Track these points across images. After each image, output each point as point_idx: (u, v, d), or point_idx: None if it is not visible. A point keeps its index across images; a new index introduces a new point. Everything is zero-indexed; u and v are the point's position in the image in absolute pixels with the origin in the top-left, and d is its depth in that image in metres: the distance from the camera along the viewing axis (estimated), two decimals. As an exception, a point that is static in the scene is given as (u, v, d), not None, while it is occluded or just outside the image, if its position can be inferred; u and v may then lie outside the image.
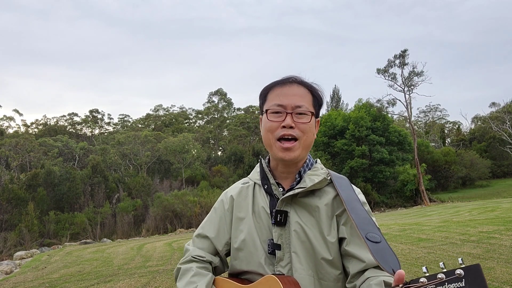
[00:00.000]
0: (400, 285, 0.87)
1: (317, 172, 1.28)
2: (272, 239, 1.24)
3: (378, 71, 33.25)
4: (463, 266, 0.80)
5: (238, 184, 1.42)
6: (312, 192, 1.26)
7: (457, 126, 58.55)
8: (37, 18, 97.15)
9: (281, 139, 1.25)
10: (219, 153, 52.32)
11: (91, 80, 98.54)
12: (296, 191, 1.24)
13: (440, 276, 0.80)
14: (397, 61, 32.56)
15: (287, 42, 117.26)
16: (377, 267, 1.10)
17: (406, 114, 34.76)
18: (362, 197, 1.26)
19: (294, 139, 1.24)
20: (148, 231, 25.92)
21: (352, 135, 32.25)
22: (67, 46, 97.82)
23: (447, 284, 0.79)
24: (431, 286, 0.80)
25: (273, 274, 1.19)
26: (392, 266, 0.99)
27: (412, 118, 38.78)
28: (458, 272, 0.79)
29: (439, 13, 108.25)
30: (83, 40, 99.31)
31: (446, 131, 58.43)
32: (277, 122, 1.25)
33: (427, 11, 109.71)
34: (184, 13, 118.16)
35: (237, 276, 1.33)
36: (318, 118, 1.33)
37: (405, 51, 32.18)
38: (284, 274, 1.21)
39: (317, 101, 1.30)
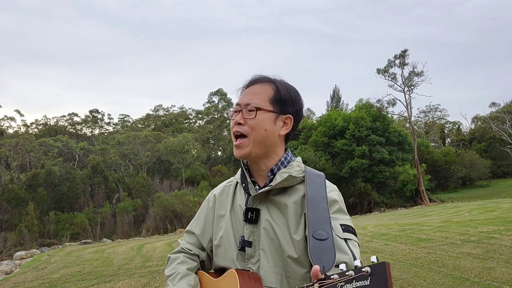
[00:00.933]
0: (315, 281, 0.90)
1: (290, 170, 1.27)
2: (243, 236, 1.27)
3: (378, 71, 33.27)
4: (372, 264, 0.82)
5: (223, 183, 1.46)
6: (284, 189, 1.27)
7: (457, 126, 58.55)
8: (38, 18, 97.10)
9: (235, 136, 1.30)
10: (219, 153, 52.31)
11: (91, 80, 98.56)
12: (265, 189, 1.26)
13: (349, 273, 0.83)
14: (397, 61, 32.58)
15: (287, 42, 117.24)
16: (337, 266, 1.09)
17: (406, 114, 34.79)
18: (333, 195, 1.26)
19: (243, 136, 1.28)
20: (148, 231, 25.93)
21: (352, 135, 32.24)
22: (67, 46, 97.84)
23: (355, 282, 0.82)
24: (341, 283, 0.84)
25: (236, 269, 1.22)
26: (324, 264, 1.02)
27: (412, 118, 38.79)
28: (365, 270, 0.81)
29: (439, 13, 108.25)
30: (83, 40, 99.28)
31: (446, 131, 58.43)
32: (233, 120, 1.31)
33: (427, 12, 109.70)
34: (185, 13, 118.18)
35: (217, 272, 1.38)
36: (287, 115, 1.30)
37: (405, 51, 32.20)
38: (249, 270, 1.24)
39: (279, 97, 1.29)
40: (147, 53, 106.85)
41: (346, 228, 1.18)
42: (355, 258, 1.09)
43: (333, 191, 1.27)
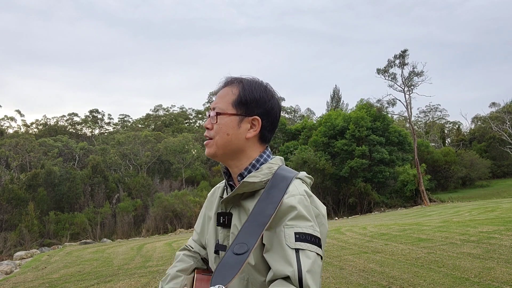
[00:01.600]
0: None
1: (256, 174, 1.22)
2: (218, 240, 1.28)
3: (378, 71, 33.27)
4: None
5: (218, 184, 1.47)
6: (252, 194, 1.23)
7: (457, 126, 58.55)
8: (38, 18, 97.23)
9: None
10: (219, 153, 52.29)
11: (91, 80, 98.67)
12: (229, 195, 1.24)
13: None
14: (397, 61, 32.58)
15: (287, 42, 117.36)
16: (287, 278, 1.04)
17: (406, 114, 34.79)
18: (291, 200, 1.14)
19: (211, 139, 1.28)
20: (148, 231, 25.93)
21: (352, 135, 32.24)
22: (67, 46, 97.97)
23: None
24: None
25: (199, 270, 1.27)
26: (219, 282, 1.00)
27: (412, 118, 38.78)
28: None
29: (439, 14, 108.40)
30: (83, 40, 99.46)
31: (446, 131, 58.43)
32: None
33: (427, 12, 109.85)
34: (185, 14, 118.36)
35: None
36: (253, 116, 1.25)
37: (405, 51, 32.20)
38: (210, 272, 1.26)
39: (242, 99, 1.25)
40: (147, 53, 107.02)
41: (301, 237, 1.08)
42: (300, 271, 1.03)
43: (293, 196, 1.14)
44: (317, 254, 1.08)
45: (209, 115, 1.29)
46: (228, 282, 1.01)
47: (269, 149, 1.33)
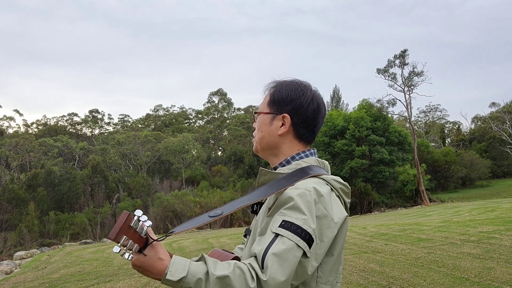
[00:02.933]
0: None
1: (283, 168, 1.30)
2: (249, 225, 1.38)
3: (378, 71, 33.25)
4: None
5: None
6: None
7: (457, 126, 58.53)
8: (39, 18, 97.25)
9: None
10: (219, 153, 52.32)
11: (92, 80, 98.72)
12: (258, 182, 1.32)
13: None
14: (397, 61, 32.55)
15: (288, 43, 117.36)
16: (255, 256, 1.09)
17: (406, 114, 34.78)
18: (291, 192, 1.16)
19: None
20: (148, 231, 25.92)
21: (352, 135, 32.23)
22: (68, 46, 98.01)
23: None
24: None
25: (218, 249, 1.34)
26: (176, 228, 1.15)
27: (412, 118, 38.77)
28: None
29: (440, 14, 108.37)
30: (84, 40, 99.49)
31: (446, 131, 58.41)
32: None
33: (428, 12, 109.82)
34: (186, 14, 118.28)
35: None
36: (282, 114, 1.33)
37: (405, 51, 32.17)
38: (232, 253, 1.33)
39: (274, 98, 1.36)
40: (147, 53, 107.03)
41: (286, 225, 1.09)
42: (266, 251, 1.05)
43: (296, 189, 1.16)
44: (298, 245, 1.07)
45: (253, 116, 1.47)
46: (180, 230, 1.14)
47: (313, 151, 1.37)
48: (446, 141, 55.44)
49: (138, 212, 1.07)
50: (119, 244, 1.02)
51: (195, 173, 39.21)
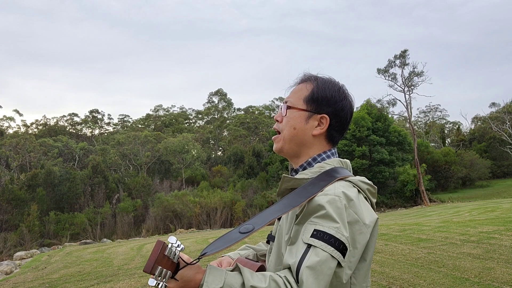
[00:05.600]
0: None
1: (306, 172, 1.23)
2: (272, 231, 1.32)
3: (379, 71, 33.27)
4: None
5: None
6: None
7: (457, 126, 58.53)
8: (40, 19, 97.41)
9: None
10: (219, 153, 52.32)
11: (93, 80, 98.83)
12: (278, 190, 1.27)
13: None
14: (398, 61, 32.59)
15: (289, 43, 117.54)
16: (289, 269, 1.05)
17: (406, 114, 34.80)
18: (321, 199, 1.11)
19: (279, 132, 1.31)
20: (148, 232, 25.92)
21: (352, 135, 32.24)
22: (69, 47, 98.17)
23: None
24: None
25: (240, 259, 1.31)
26: (208, 249, 1.07)
27: (412, 118, 38.80)
28: None
29: (440, 15, 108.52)
30: (85, 41, 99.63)
31: (446, 131, 58.41)
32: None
33: (428, 13, 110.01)
34: (187, 14, 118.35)
35: None
36: (322, 114, 1.25)
37: (405, 51, 32.20)
38: (255, 261, 1.31)
39: (314, 95, 1.26)
40: (148, 53, 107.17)
41: (318, 235, 1.05)
42: (300, 264, 1.02)
43: (326, 195, 1.11)
44: (332, 256, 1.03)
45: (280, 108, 1.32)
46: (213, 251, 1.05)
47: (334, 151, 1.31)
48: (446, 141, 55.43)
49: (172, 239, 1.04)
50: (154, 276, 0.99)
51: (195, 173, 39.21)
